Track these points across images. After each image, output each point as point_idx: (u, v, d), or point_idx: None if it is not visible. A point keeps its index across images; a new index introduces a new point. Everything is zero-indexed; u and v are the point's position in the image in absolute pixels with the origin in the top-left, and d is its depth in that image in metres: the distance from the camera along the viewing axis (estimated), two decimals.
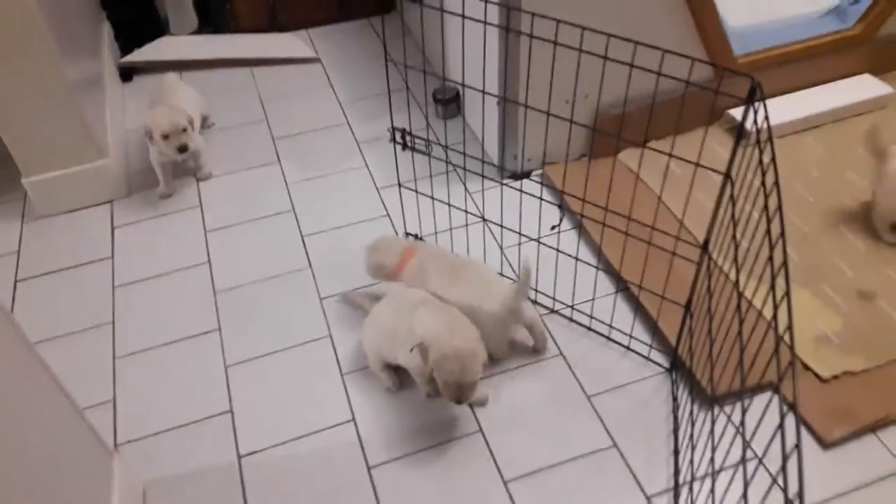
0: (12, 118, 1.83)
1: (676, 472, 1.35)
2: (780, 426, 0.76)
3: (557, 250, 1.56)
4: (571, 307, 1.65)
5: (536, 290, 1.69)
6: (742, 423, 0.93)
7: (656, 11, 1.82)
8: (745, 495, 0.86)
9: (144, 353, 1.64)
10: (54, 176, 1.95)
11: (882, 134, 1.70)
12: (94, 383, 1.57)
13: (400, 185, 1.76)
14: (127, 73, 2.56)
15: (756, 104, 1.10)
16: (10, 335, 1.06)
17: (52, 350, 1.65)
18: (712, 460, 1.05)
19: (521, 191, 1.51)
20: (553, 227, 1.80)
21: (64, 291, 1.80)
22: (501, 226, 1.63)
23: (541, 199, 1.54)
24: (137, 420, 1.51)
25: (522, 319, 1.53)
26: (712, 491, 1.02)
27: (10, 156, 1.90)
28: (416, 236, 1.83)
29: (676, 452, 1.38)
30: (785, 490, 0.62)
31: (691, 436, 1.24)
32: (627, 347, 1.58)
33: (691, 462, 1.22)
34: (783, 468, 0.74)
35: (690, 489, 1.21)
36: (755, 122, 1.09)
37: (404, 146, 1.61)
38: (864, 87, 2.14)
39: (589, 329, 1.63)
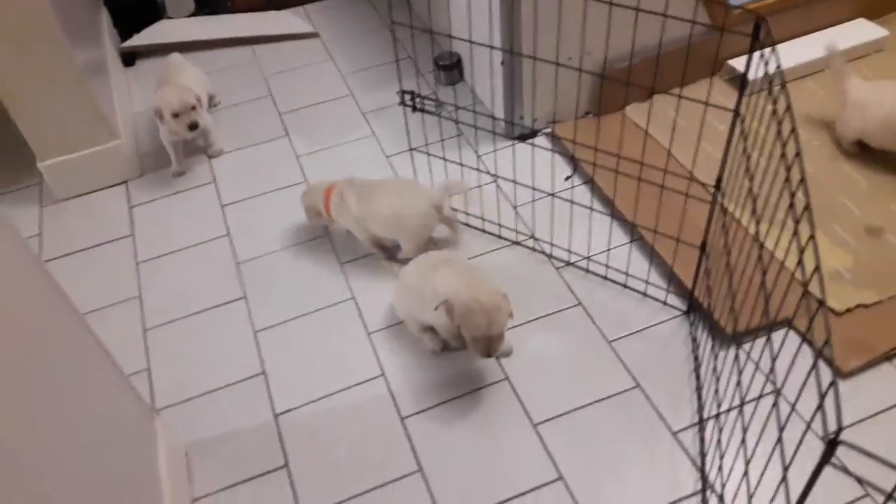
0: (25, 104, 1.85)
1: (700, 408, 1.40)
2: (814, 348, 0.80)
3: (571, 202, 1.59)
4: (587, 258, 1.69)
5: (552, 244, 1.73)
6: (770, 352, 0.97)
7: None
8: (778, 423, 0.90)
9: (173, 323, 1.68)
10: (69, 159, 1.98)
11: (841, 61, 1.84)
12: (126, 354, 1.60)
13: (412, 149, 1.79)
14: (129, 58, 2.58)
15: (762, 38, 1.13)
16: (64, 305, 1.10)
17: None
18: (738, 385, 1.09)
19: (532, 144, 1.54)
20: (567, 178, 1.83)
21: (88, 270, 1.83)
22: (514, 182, 1.67)
23: (552, 150, 1.57)
24: (173, 387, 1.55)
25: (444, 214, 1.67)
26: (741, 413, 1.06)
27: (22, 143, 1.93)
28: None
29: (699, 389, 1.43)
30: (824, 421, 0.66)
31: (714, 368, 1.28)
32: (644, 294, 1.63)
33: (717, 392, 1.26)
34: (820, 394, 0.78)
35: (717, 420, 1.25)
36: (762, 56, 1.13)
37: (413, 108, 1.64)
38: (859, 32, 2.16)
39: (605, 278, 1.67)
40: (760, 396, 1.17)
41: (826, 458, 0.62)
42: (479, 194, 1.84)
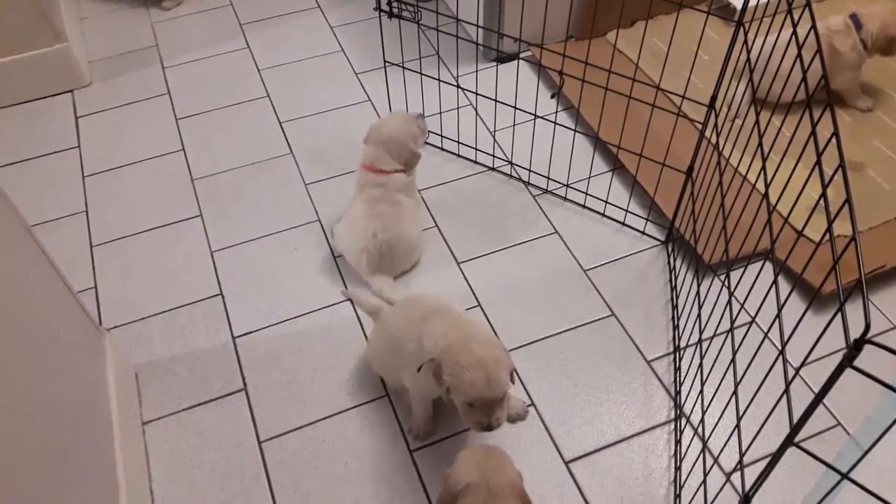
0: None
1: (677, 337, 1.37)
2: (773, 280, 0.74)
3: (555, 123, 1.51)
4: (566, 185, 1.62)
5: (530, 171, 1.65)
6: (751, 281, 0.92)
7: None
8: (781, 339, 0.86)
9: (123, 240, 1.56)
10: (9, 60, 1.80)
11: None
12: (72, 271, 1.49)
13: (386, 63, 1.67)
14: None
15: None
16: (9, 216, 0.99)
17: None
18: (728, 308, 1.04)
19: (519, 59, 1.44)
20: (553, 95, 1.74)
21: (29, 182, 1.69)
22: (496, 100, 1.57)
23: (540, 66, 1.48)
24: (121, 305, 1.44)
25: None
26: (730, 336, 1.02)
27: None
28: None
29: (676, 318, 1.39)
30: (844, 324, 0.61)
31: (698, 295, 1.24)
32: (622, 223, 1.57)
33: (699, 318, 1.22)
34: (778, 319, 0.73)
35: (699, 348, 1.21)
36: None
37: (390, 14, 1.52)
38: None
39: (583, 206, 1.61)
40: (750, 323, 1.13)
41: (851, 358, 0.57)
42: (456, 116, 1.74)
